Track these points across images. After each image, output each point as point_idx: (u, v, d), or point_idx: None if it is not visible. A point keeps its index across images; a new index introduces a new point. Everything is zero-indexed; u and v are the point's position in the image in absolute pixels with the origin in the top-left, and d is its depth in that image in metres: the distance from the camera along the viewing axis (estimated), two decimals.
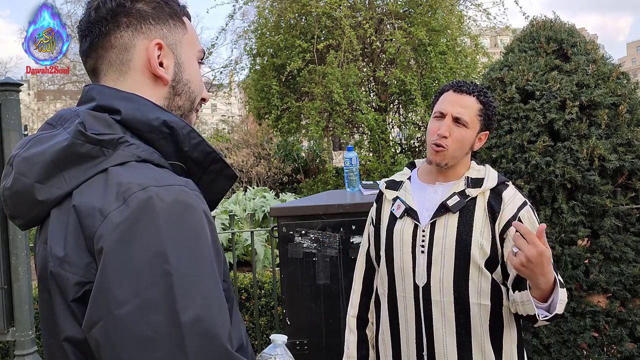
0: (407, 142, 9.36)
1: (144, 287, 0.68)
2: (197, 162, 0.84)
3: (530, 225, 1.49)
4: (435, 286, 1.53)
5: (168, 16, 0.89)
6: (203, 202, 0.78)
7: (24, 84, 3.02)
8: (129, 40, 0.86)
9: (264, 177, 9.56)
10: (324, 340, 2.29)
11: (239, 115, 21.10)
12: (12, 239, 2.69)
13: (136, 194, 0.71)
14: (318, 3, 7.99)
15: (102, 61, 0.87)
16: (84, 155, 0.76)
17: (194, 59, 0.93)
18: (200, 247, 0.73)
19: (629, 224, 2.59)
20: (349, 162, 2.68)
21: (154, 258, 0.69)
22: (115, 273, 0.69)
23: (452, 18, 8.36)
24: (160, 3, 0.89)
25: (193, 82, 0.92)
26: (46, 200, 0.77)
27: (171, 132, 0.81)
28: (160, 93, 0.88)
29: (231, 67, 9.58)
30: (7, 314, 2.69)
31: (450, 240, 1.52)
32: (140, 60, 0.86)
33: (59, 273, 0.73)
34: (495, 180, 1.58)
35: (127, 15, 0.86)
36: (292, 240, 2.30)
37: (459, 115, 1.54)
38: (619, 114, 2.63)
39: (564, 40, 2.80)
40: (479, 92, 1.58)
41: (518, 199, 1.55)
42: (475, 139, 1.59)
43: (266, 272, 5.17)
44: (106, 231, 0.70)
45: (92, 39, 0.86)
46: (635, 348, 2.52)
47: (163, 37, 0.88)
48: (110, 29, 0.85)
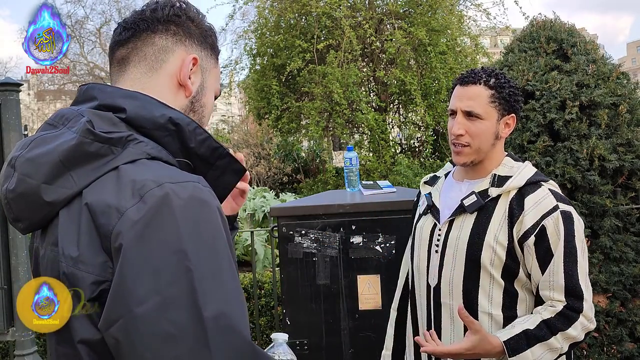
0: (407, 142, 9.35)
1: (165, 284, 0.68)
2: (203, 159, 0.84)
3: (556, 235, 1.36)
4: (445, 288, 1.46)
5: (209, 45, 0.96)
6: (216, 199, 0.78)
7: (24, 84, 3.02)
8: (171, 45, 0.90)
9: (264, 177, 9.56)
10: (324, 340, 2.29)
11: (239, 115, 21.10)
12: (12, 239, 2.69)
13: (152, 190, 0.71)
14: (318, 3, 7.98)
15: (137, 53, 0.89)
16: (93, 154, 0.76)
17: (213, 91, 0.98)
18: (218, 243, 0.74)
19: (629, 224, 2.59)
20: (349, 162, 2.68)
21: (174, 255, 0.69)
22: (134, 270, 0.68)
23: (452, 18, 8.36)
24: (207, 32, 0.95)
25: (206, 108, 0.96)
26: (55, 201, 0.76)
27: (177, 128, 0.81)
28: (179, 102, 0.91)
29: (231, 67, 9.57)
30: (7, 314, 2.69)
31: (462, 241, 1.43)
32: (174, 66, 0.90)
33: (73, 273, 0.73)
34: (525, 179, 1.42)
35: (178, 26, 0.91)
36: (292, 240, 2.29)
37: (469, 109, 1.43)
38: (619, 114, 2.63)
39: (564, 40, 2.80)
40: (487, 77, 1.45)
41: (546, 205, 1.38)
42: (498, 126, 1.45)
43: (266, 272, 5.17)
44: (124, 228, 0.70)
45: (135, 31, 0.89)
46: (635, 348, 2.52)
47: (200, 57, 0.93)
48: (159, 29, 0.90)
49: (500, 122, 1.46)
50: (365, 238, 2.26)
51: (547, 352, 1.33)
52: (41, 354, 3.17)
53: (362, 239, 2.27)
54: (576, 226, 1.39)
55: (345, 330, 2.28)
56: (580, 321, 1.34)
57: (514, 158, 1.51)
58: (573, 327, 1.33)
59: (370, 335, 2.24)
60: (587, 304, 1.36)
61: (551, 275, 1.37)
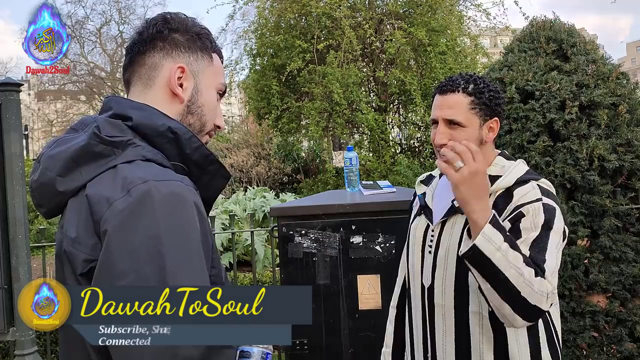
0: (407, 142, 9.36)
1: (141, 263, 0.80)
2: (197, 164, 0.97)
3: (532, 221, 1.31)
4: (438, 289, 1.47)
5: (198, 48, 1.04)
6: (196, 196, 0.90)
7: (24, 84, 3.03)
8: (158, 61, 1.01)
9: (264, 177, 9.56)
10: (324, 340, 2.29)
11: (239, 115, 21.10)
12: (13, 239, 2.69)
13: (138, 186, 0.84)
14: (318, 3, 7.98)
15: (134, 75, 1.03)
16: (98, 153, 0.90)
17: (213, 89, 1.07)
18: (189, 234, 0.85)
19: (629, 224, 2.59)
20: (349, 162, 2.68)
21: (150, 240, 0.81)
22: (117, 251, 0.81)
23: (452, 18, 8.36)
24: (193, 37, 1.04)
25: (206, 107, 1.05)
26: (65, 191, 0.91)
27: (175, 136, 0.94)
28: (175, 109, 1.01)
29: (231, 67, 9.57)
30: (7, 314, 2.69)
31: (454, 242, 1.43)
32: (164, 79, 1.01)
33: (71, 251, 0.87)
34: (515, 178, 1.41)
35: (163, 41, 1.01)
36: (292, 240, 2.30)
37: (450, 117, 1.41)
38: (619, 114, 2.63)
39: (564, 40, 2.80)
40: (465, 83, 1.43)
41: (529, 196, 1.35)
42: (482, 132, 1.43)
43: (266, 272, 5.17)
44: (111, 216, 0.82)
45: (131, 56, 1.03)
46: (635, 348, 2.52)
47: (188, 63, 1.02)
48: (147, 49, 1.01)
49: (483, 127, 1.44)
50: (365, 238, 2.26)
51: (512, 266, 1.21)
52: (41, 354, 3.17)
53: (362, 239, 2.27)
54: (556, 221, 1.33)
55: (345, 330, 2.28)
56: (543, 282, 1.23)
57: (506, 157, 1.49)
58: (539, 280, 1.23)
59: (370, 335, 2.24)
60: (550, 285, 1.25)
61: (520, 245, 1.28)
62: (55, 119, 26.27)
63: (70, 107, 25.55)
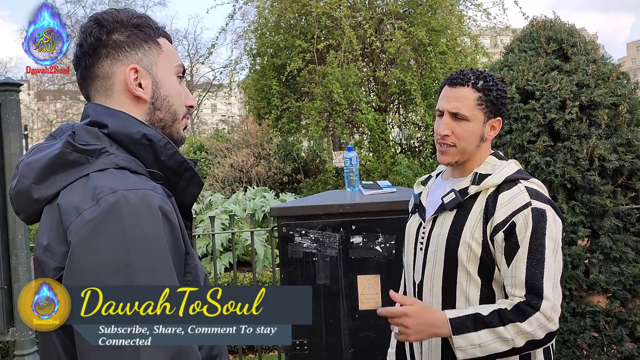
0: (407, 142, 9.36)
1: (106, 275, 0.80)
2: (173, 170, 0.96)
3: (524, 232, 1.35)
4: (427, 285, 1.50)
5: (142, 41, 1.00)
6: (167, 205, 0.88)
7: (24, 84, 3.03)
8: (108, 69, 0.98)
9: (264, 177, 9.55)
10: (324, 340, 2.29)
11: (239, 115, 21.09)
12: (12, 239, 2.69)
13: (107, 196, 0.83)
14: (318, 3, 7.98)
15: (91, 89, 1.00)
16: (71, 162, 0.89)
17: (172, 74, 1.03)
18: (157, 244, 0.84)
19: (629, 224, 2.59)
20: (349, 162, 2.68)
21: (116, 251, 0.81)
22: (81, 262, 0.81)
23: (452, 18, 8.36)
24: (133, 30, 1.00)
25: (172, 96, 1.02)
26: (40, 199, 0.90)
27: (150, 143, 0.94)
28: (142, 110, 0.99)
29: (231, 67, 9.59)
30: (7, 314, 2.69)
31: (442, 239, 1.46)
32: (121, 85, 0.98)
33: (42, 259, 0.87)
34: (503, 177, 1.43)
35: (105, 47, 0.98)
36: (292, 240, 2.29)
37: (456, 110, 1.44)
38: (619, 114, 2.63)
39: (564, 40, 2.80)
40: (475, 79, 1.46)
41: (518, 201, 1.38)
42: (484, 129, 1.47)
43: (266, 272, 5.17)
44: (77, 227, 0.82)
45: (81, 71, 1.00)
46: (635, 348, 2.52)
47: (138, 61, 0.99)
48: (93, 61, 0.98)
49: (486, 124, 1.47)
50: (365, 238, 2.26)
51: (496, 341, 1.31)
52: None
53: (362, 239, 2.27)
54: (549, 224, 1.37)
55: (345, 330, 2.28)
56: (536, 317, 1.30)
57: (498, 157, 1.52)
58: (527, 322, 1.30)
59: (370, 335, 2.24)
60: (549, 303, 1.32)
61: (514, 270, 1.36)
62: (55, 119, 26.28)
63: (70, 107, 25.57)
